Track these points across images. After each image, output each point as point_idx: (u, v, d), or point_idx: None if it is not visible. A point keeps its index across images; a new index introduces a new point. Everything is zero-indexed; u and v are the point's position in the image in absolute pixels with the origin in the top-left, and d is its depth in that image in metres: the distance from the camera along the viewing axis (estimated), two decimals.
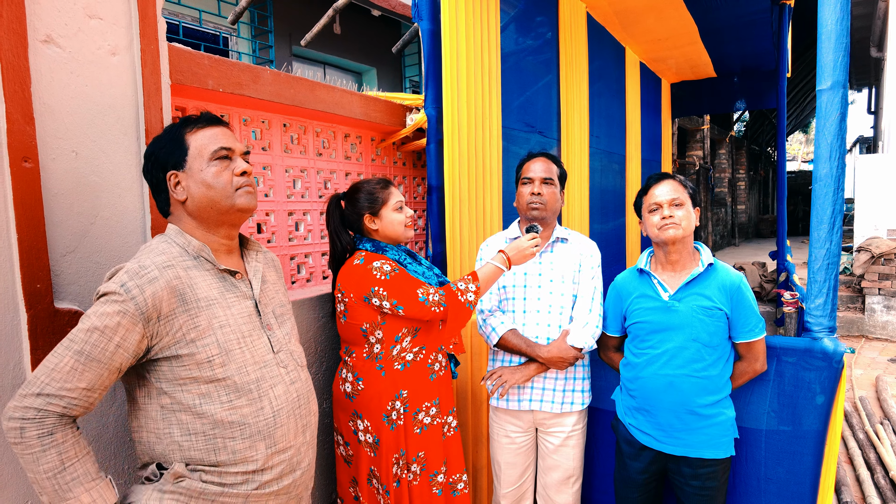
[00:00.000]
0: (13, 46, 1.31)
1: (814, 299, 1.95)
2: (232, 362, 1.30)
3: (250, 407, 1.31)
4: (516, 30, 3.53)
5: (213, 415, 1.27)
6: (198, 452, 1.27)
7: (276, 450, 1.35)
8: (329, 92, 2.45)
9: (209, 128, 1.35)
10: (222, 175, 1.32)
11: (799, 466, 1.98)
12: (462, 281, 1.93)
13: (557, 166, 2.19)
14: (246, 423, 1.30)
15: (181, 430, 1.27)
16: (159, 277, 1.22)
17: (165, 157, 1.32)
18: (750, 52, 5.84)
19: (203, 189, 1.31)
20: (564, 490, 2.17)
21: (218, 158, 1.32)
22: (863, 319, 6.92)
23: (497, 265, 1.98)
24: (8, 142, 1.30)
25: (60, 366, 1.14)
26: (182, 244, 1.32)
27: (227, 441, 1.28)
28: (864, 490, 3.19)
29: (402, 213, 2.05)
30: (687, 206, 1.92)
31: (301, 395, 1.45)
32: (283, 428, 1.37)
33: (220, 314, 1.31)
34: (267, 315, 1.43)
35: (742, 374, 1.93)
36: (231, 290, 1.36)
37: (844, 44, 1.83)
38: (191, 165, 1.31)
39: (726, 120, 15.66)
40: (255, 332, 1.38)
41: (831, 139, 1.87)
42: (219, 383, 1.28)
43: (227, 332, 1.31)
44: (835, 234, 1.90)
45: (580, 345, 2.05)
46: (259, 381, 1.34)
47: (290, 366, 1.44)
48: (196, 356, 1.26)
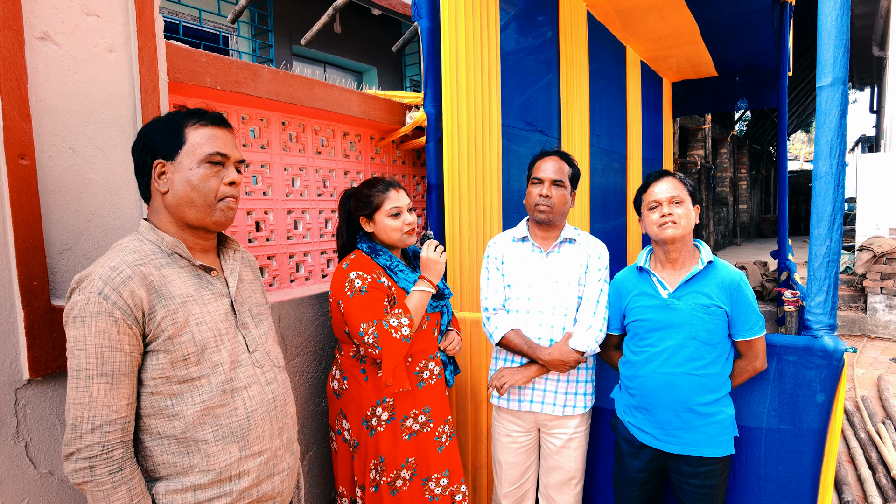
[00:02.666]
0: (9, 43, 1.31)
1: (814, 297, 1.94)
2: (207, 361, 1.26)
3: (223, 407, 1.27)
4: (516, 29, 3.53)
5: (186, 416, 1.23)
6: (171, 457, 1.23)
7: (249, 452, 1.30)
8: (328, 90, 2.45)
9: (212, 127, 1.29)
10: (209, 181, 1.27)
11: (799, 465, 1.97)
12: (394, 317, 1.87)
13: (570, 166, 2.15)
14: (219, 425, 1.26)
15: (150, 437, 1.23)
16: (133, 276, 1.18)
17: (158, 143, 1.26)
18: (751, 50, 5.83)
19: (186, 189, 1.25)
20: (566, 491, 2.16)
21: (210, 162, 1.27)
22: (865, 319, 6.90)
23: (423, 290, 1.96)
24: (4, 139, 1.30)
25: (94, 395, 1.13)
26: (155, 241, 1.27)
27: (199, 444, 1.24)
28: (866, 489, 3.17)
29: (397, 220, 2.00)
30: (686, 203, 1.91)
31: (277, 396, 1.40)
32: (257, 430, 1.32)
33: (196, 311, 1.26)
34: (242, 314, 1.38)
35: (742, 372, 1.92)
36: (207, 287, 1.32)
37: (844, 40, 1.82)
38: (181, 160, 1.25)
39: (728, 119, 15.62)
40: (231, 330, 1.33)
41: (831, 136, 1.86)
42: (192, 382, 1.24)
43: (204, 330, 1.26)
44: (835, 232, 1.89)
45: (582, 348, 2.02)
46: (233, 381, 1.29)
47: (265, 366, 1.39)
48: (171, 354, 1.21)
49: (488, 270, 2.21)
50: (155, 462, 1.23)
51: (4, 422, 1.35)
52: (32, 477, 1.41)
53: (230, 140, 1.33)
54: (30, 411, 1.40)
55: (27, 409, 1.39)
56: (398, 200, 2.01)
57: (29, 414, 1.40)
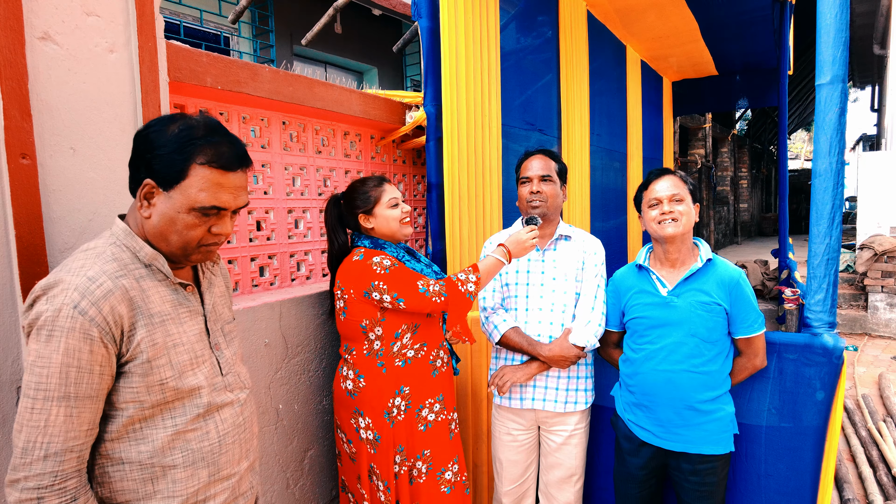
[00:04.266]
0: (10, 43, 1.31)
1: (813, 295, 1.94)
2: (184, 386, 1.18)
3: (195, 432, 1.20)
4: (516, 28, 3.53)
5: (154, 441, 1.14)
6: (131, 483, 1.14)
7: (218, 477, 1.25)
8: (328, 89, 2.46)
9: (221, 173, 1.14)
10: (195, 230, 1.16)
11: (799, 463, 1.98)
12: (463, 272, 1.93)
13: (556, 162, 2.19)
14: (190, 449, 1.19)
15: (111, 462, 1.13)
16: (114, 289, 1.08)
17: (157, 166, 1.12)
18: (751, 49, 5.82)
19: (168, 227, 1.14)
20: (566, 488, 2.17)
21: (203, 214, 1.15)
22: (865, 317, 6.90)
23: (497, 258, 1.98)
24: (6, 138, 1.31)
25: (52, 419, 1.01)
26: (133, 248, 1.16)
27: (167, 469, 1.16)
28: (867, 487, 3.18)
29: (396, 210, 2.04)
30: (687, 201, 1.92)
31: (246, 419, 1.35)
32: (227, 454, 1.27)
33: (174, 331, 1.18)
34: (215, 333, 1.31)
35: (742, 369, 1.93)
36: (184, 303, 1.23)
37: (844, 38, 1.82)
38: (174, 196, 1.13)
39: (728, 118, 15.62)
40: (206, 352, 1.26)
41: (831, 134, 1.86)
42: (165, 406, 1.16)
43: (181, 352, 1.19)
44: (834, 230, 1.89)
45: (582, 343, 2.04)
46: (208, 405, 1.23)
47: (236, 389, 1.33)
48: (147, 378, 1.12)
49: None
50: (113, 489, 1.14)
51: (7, 420, 1.35)
52: None
53: (240, 185, 1.19)
54: None
55: None
56: (394, 192, 2.06)
57: None
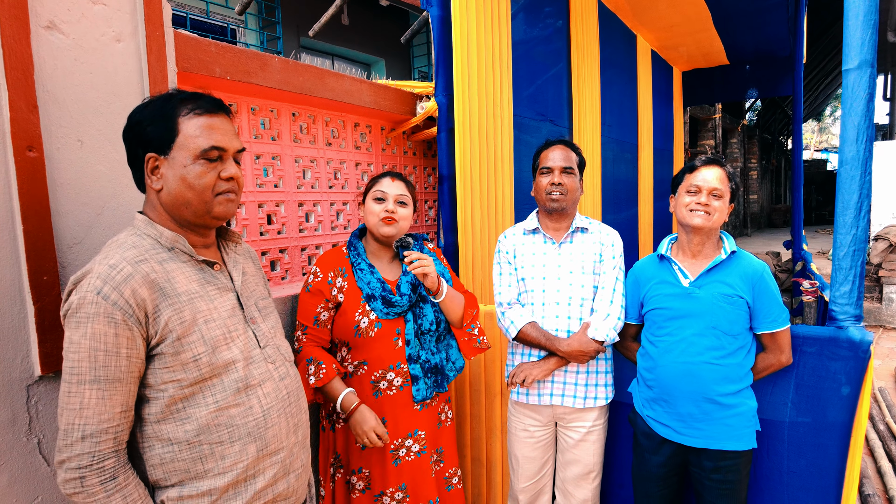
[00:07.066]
0: (15, 32, 1.28)
1: (839, 287, 1.89)
2: (219, 360, 1.20)
3: (238, 407, 1.22)
4: (527, 17, 3.47)
5: (199, 419, 1.17)
6: (182, 463, 1.18)
7: (267, 451, 1.26)
8: (338, 80, 2.41)
9: (207, 116, 1.19)
10: (206, 176, 1.18)
11: (823, 459, 1.93)
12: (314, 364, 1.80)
13: (577, 154, 2.13)
14: (234, 425, 1.21)
15: (162, 444, 1.17)
16: (134, 273, 1.11)
17: (149, 135, 1.17)
18: (764, 38, 5.72)
19: (181, 187, 1.17)
20: (584, 485, 2.13)
21: (206, 158, 1.18)
22: (880, 309, 6.81)
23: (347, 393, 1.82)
24: (12, 130, 1.27)
25: (85, 402, 1.07)
26: (154, 235, 1.19)
27: (214, 447, 1.19)
28: (886, 482, 3.12)
29: (378, 204, 1.89)
30: (725, 199, 1.87)
31: (291, 392, 1.35)
32: (274, 428, 1.27)
33: (204, 308, 1.20)
34: (250, 308, 1.33)
35: (767, 366, 1.87)
36: (211, 281, 1.25)
37: (873, 21, 1.76)
38: (175, 155, 1.16)
39: (738, 108, 15.45)
40: (240, 326, 1.27)
41: (858, 120, 1.80)
42: (204, 383, 1.18)
43: (213, 328, 1.20)
44: (861, 220, 1.83)
45: (601, 338, 1.99)
46: (247, 379, 1.24)
47: (277, 361, 1.34)
48: (181, 355, 1.15)
49: (500, 265, 2.17)
50: (166, 470, 1.18)
51: (17, 419, 1.33)
52: (45, 474, 1.39)
53: (228, 129, 1.23)
54: (42, 408, 1.37)
55: (39, 405, 1.37)
56: (386, 186, 1.91)
57: (41, 410, 1.37)
